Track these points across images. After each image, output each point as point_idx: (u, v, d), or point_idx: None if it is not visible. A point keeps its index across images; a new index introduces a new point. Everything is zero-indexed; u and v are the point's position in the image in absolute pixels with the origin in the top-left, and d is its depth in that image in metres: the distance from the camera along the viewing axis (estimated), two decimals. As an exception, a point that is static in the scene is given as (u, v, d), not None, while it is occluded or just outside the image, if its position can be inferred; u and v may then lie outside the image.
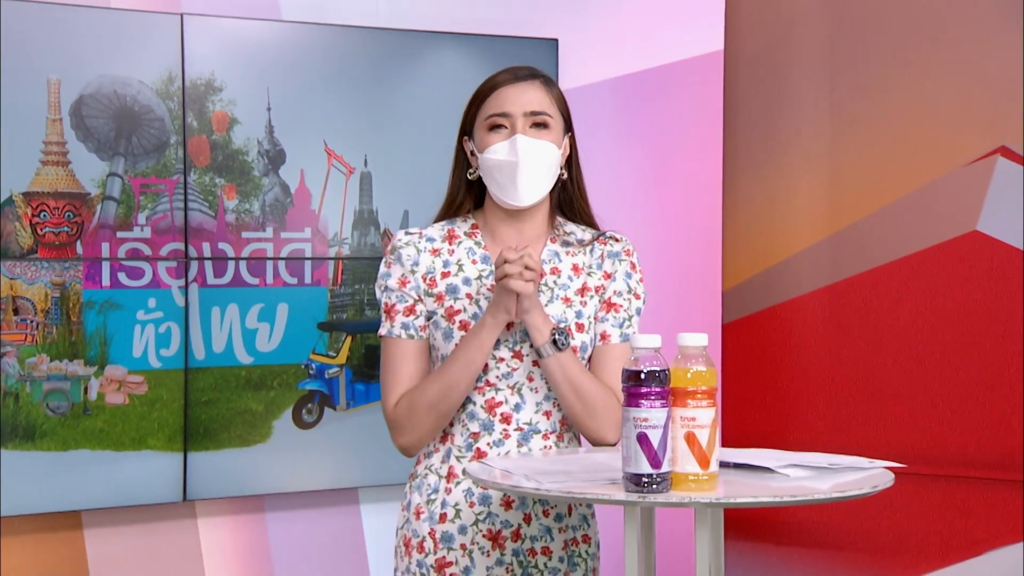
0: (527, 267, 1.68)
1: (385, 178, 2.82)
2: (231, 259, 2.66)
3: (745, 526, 3.08)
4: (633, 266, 1.87)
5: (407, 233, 1.84)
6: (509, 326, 1.79)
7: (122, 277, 2.59)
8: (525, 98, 1.79)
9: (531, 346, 1.79)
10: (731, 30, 3.12)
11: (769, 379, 3.12)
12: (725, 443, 2.31)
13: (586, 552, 1.85)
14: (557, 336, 1.74)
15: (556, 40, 2.92)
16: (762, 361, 3.13)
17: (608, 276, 1.85)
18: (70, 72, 2.53)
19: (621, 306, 1.85)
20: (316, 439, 2.72)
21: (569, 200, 1.87)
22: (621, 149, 3.07)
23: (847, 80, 3.02)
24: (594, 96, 3.05)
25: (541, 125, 1.80)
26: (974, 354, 2.83)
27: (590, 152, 2.86)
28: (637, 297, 1.87)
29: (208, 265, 2.65)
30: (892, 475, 1.52)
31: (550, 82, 1.84)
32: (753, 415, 3.12)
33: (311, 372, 2.77)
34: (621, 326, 1.84)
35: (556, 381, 1.77)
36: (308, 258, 2.73)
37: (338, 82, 2.71)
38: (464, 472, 1.77)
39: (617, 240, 1.88)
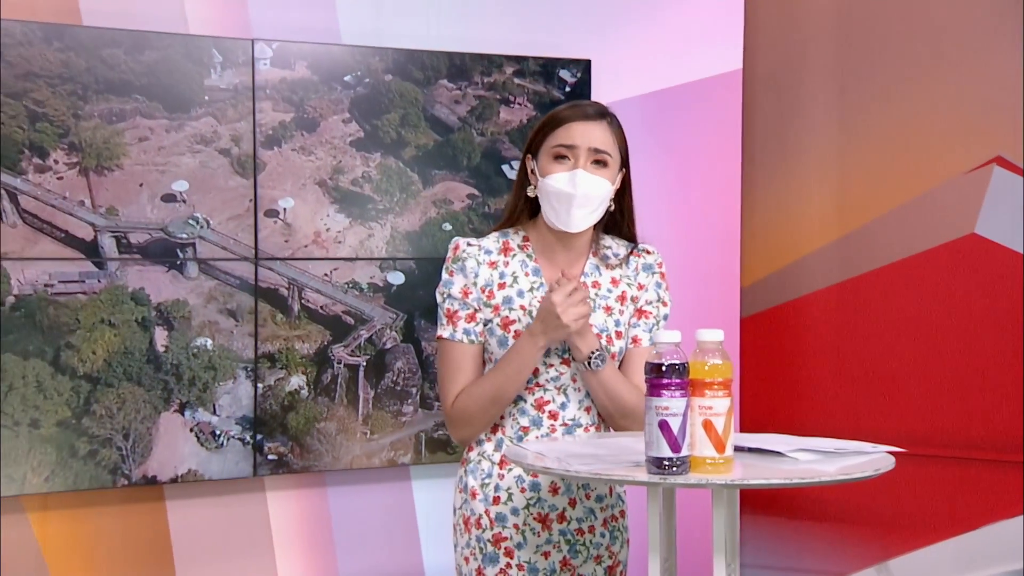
0: (582, 297, 1.74)
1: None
2: (393, 259, 2.66)
3: (760, 503, 3.08)
4: (663, 276, 1.92)
5: (468, 244, 1.86)
6: None
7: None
8: (591, 135, 1.82)
9: None
10: (749, 51, 3.13)
11: (784, 369, 3.11)
12: (743, 429, 2.32)
13: (622, 526, 1.90)
14: (592, 358, 1.78)
15: (589, 60, 2.92)
16: (777, 353, 3.12)
17: (641, 287, 1.90)
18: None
19: (651, 313, 1.89)
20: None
21: (616, 225, 1.91)
22: (649, 159, 3.06)
23: (855, 95, 3.02)
24: (624, 111, 3.00)
25: (601, 163, 1.83)
26: (973, 346, 2.81)
27: None
28: (664, 305, 1.91)
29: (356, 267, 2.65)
30: (893, 459, 1.52)
31: (615, 122, 1.87)
32: (769, 403, 3.11)
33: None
34: (650, 331, 1.89)
35: (593, 390, 1.82)
36: (391, 258, 2.72)
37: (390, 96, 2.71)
38: (505, 456, 1.81)
39: (649, 253, 1.92)
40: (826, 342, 3.03)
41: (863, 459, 1.51)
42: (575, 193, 1.79)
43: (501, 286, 1.84)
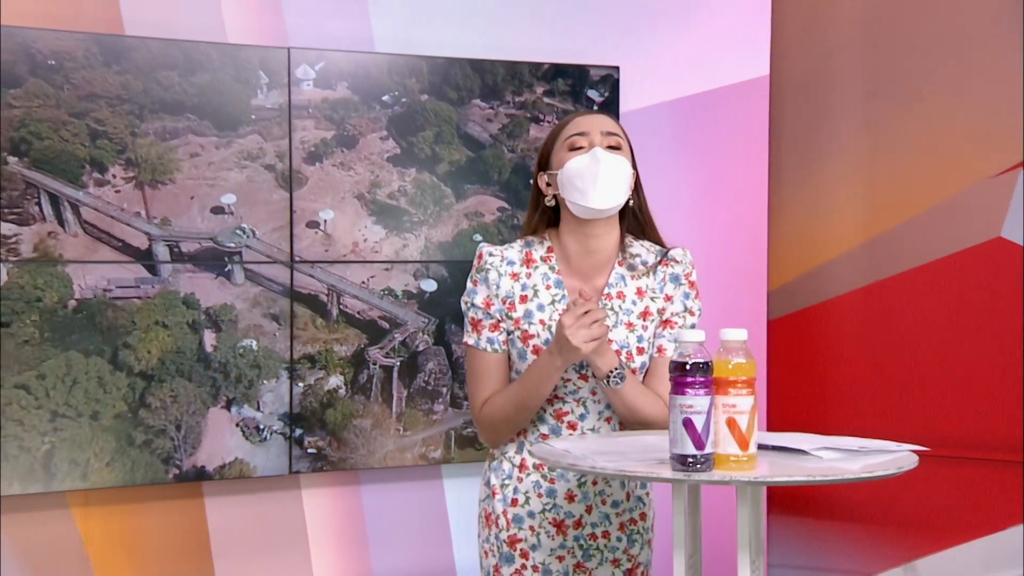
0: (594, 320, 1.63)
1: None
2: (418, 262, 2.60)
3: (787, 503, 2.96)
4: (692, 284, 1.78)
5: (491, 254, 1.76)
6: None
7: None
8: (600, 122, 1.74)
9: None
10: (776, 57, 3.01)
11: (810, 371, 2.99)
12: (770, 428, 2.19)
13: (642, 528, 1.79)
14: (611, 376, 1.67)
15: (618, 67, 2.83)
16: (804, 355, 3.00)
17: (668, 299, 1.77)
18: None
19: (677, 323, 1.77)
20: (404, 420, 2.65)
21: (639, 226, 1.79)
22: (677, 164, 2.98)
23: (881, 100, 2.89)
24: (652, 117, 2.97)
25: (615, 147, 1.73)
26: (998, 348, 2.68)
27: (650, 167, 2.75)
28: (692, 314, 1.79)
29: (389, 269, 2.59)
30: (917, 457, 1.41)
31: (616, 119, 1.81)
32: (796, 405, 2.98)
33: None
34: (675, 341, 1.77)
35: (614, 404, 1.72)
36: (413, 261, 2.65)
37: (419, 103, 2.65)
38: (535, 467, 1.74)
39: (678, 261, 1.78)
40: (853, 345, 2.91)
41: (886, 457, 1.41)
42: (598, 169, 1.68)
43: (523, 299, 1.74)
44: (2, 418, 2.26)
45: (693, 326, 1.78)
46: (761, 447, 1.42)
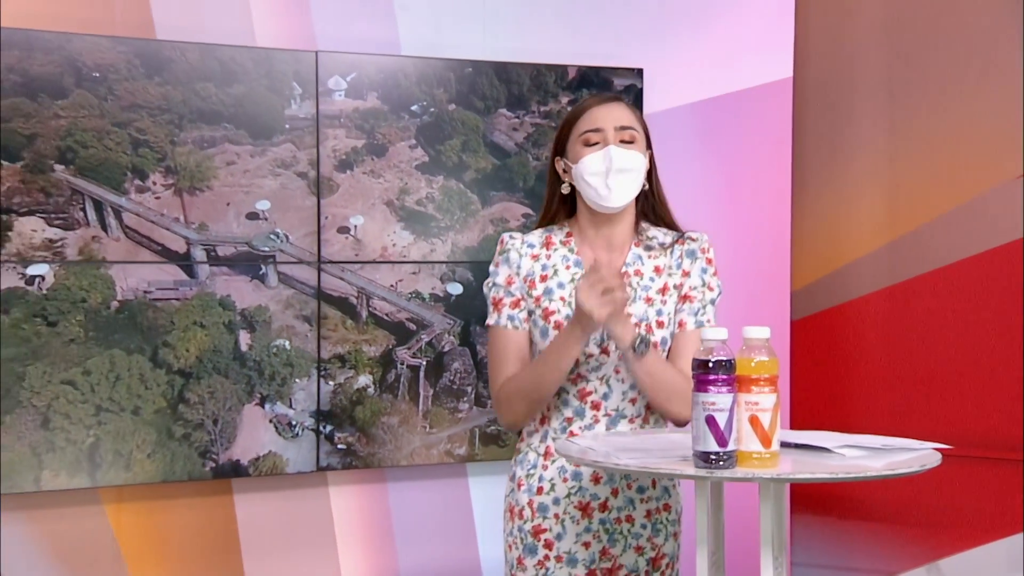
0: (605, 289, 1.55)
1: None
2: (426, 263, 2.56)
3: (811, 502, 2.87)
4: (709, 261, 1.73)
5: (511, 237, 1.74)
6: None
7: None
8: (614, 115, 1.68)
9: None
10: (799, 59, 2.93)
11: (833, 371, 2.90)
12: (793, 428, 2.10)
13: (667, 519, 1.72)
14: (636, 345, 1.59)
15: (642, 69, 2.77)
16: (827, 355, 2.91)
17: (686, 274, 1.71)
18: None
19: (696, 298, 1.71)
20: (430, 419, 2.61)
21: (652, 208, 1.74)
22: (701, 165, 2.91)
23: (904, 102, 2.80)
24: (676, 118, 2.90)
25: (629, 141, 1.68)
26: (1020, 349, 2.58)
27: (673, 167, 2.68)
28: (711, 289, 1.72)
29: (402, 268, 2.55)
30: (940, 455, 1.35)
31: (632, 105, 1.74)
32: (819, 405, 2.89)
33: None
34: (696, 314, 1.70)
35: (638, 377, 1.63)
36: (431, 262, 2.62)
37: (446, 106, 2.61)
38: (556, 451, 1.65)
39: (694, 239, 1.73)
40: (876, 345, 2.82)
41: (909, 455, 1.35)
42: (611, 167, 1.64)
43: (543, 278, 1.70)
44: (50, 411, 2.26)
45: (713, 301, 1.72)
46: (784, 445, 1.37)
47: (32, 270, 2.27)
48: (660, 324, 1.69)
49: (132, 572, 2.40)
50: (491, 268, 1.74)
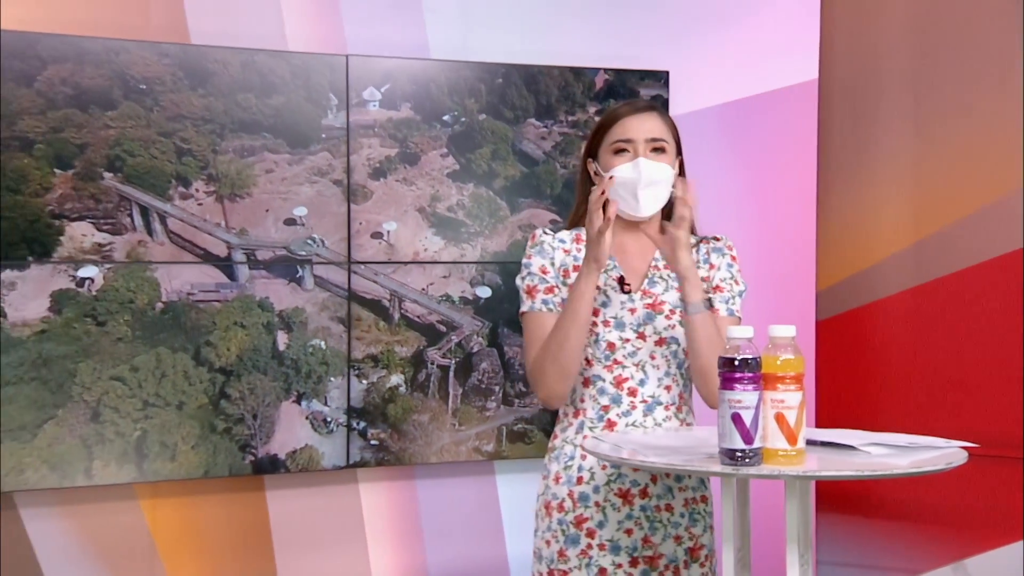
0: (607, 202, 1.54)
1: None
2: (446, 263, 2.54)
3: (836, 500, 2.79)
4: (734, 259, 1.73)
5: (545, 232, 1.72)
6: (633, 311, 1.65)
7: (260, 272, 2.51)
8: (646, 127, 1.66)
9: (654, 328, 1.65)
10: (825, 61, 2.85)
11: (858, 371, 2.81)
12: (819, 427, 2.02)
13: (704, 511, 1.68)
14: (704, 300, 1.58)
15: (667, 72, 2.73)
16: (852, 354, 2.82)
17: (713, 267, 1.70)
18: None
19: (726, 288, 1.69)
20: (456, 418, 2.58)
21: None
22: (726, 167, 2.84)
23: (929, 104, 2.71)
24: (702, 120, 2.83)
25: (659, 150, 1.66)
26: None
27: (699, 168, 2.62)
28: (737, 283, 1.71)
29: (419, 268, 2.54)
30: (966, 453, 1.30)
31: (664, 113, 1.71)
32: (844, 405, 2.81)
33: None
34: (727, 302, 1.68)
35: (699, 336, 1.58)
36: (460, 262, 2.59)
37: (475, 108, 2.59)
38: (583, 448, 1.63)
39: (719, 239, 1.74)
40: (901, 345, 2.73)
41: (936, 453, 1.30)
42: (640, 178, 1.62)
43: (576, 268, 1.67)
44: (100, 406, 2.27)
45: (741, 294, 1.70)
46: (810, 443, 1.32)
47: (83, 272, 2.28)
48: None
49: (167, 566, 2.39)
50: (524, 260, 1.71)
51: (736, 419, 1.25)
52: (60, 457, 2.23)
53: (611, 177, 1.61)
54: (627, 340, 1.63)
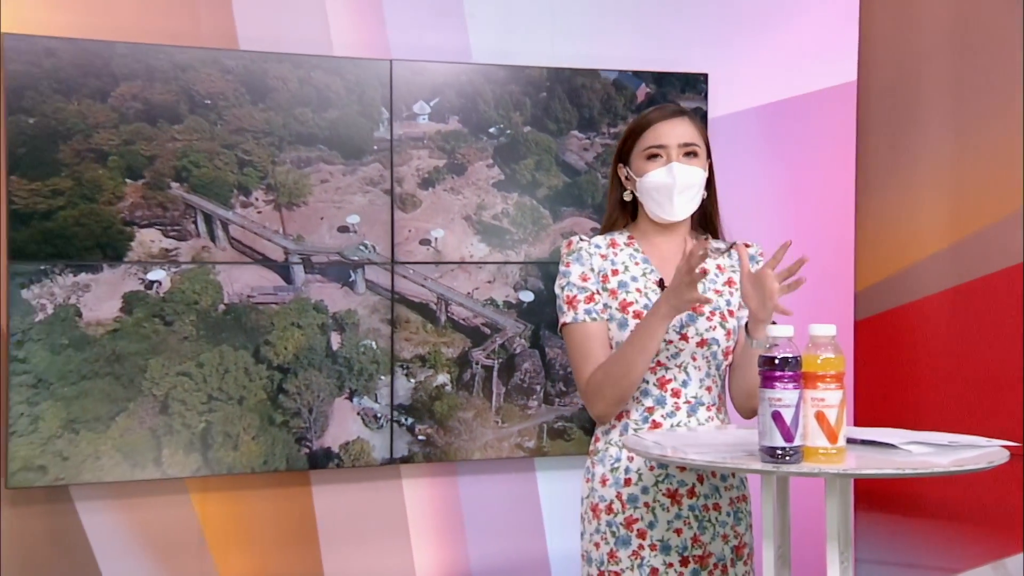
0: (700, 271, 1.47)
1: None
2: (476, 263, 2.53)
3: (876, 499, 2.69)
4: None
5: (580, 239, 1.68)
6: None
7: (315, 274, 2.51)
8: (678, 131, 1.62)
9: (696, 329, 1.60)
10: (864, 63, 2.74)
11: (897, 371, 2.70)
12: (858, 427, 1.94)
13: (745, 510, 1.65)
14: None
15: (706, 74, 2.67)
16: (891, 354, 2.71)
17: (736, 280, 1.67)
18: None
19: None
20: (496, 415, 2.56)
21: (707, 215, 1.68)
22: (765, 168, 2.76)
23: (968, 105, 2.60)
24: (740, 122, 2.74)
25: (691, 154, 1.62)
26: None
27: (737, 170, 2.55)
28: None
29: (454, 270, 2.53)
30: (1008, 452, 1.25)
31: (694, 117, 1.67)
32: (883, 405, 2.70)
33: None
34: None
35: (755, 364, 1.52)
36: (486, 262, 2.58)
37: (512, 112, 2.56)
38: (624, 445, 1.59)
39: (749, 245, 1.69)
40: (940, 345, 2.62)
41: (976, 452, 1.25)
42: (674, 183, 1.58)
43: (614, 272, 1.64)
44: (168, 399, 2.31)
45: None
46: (850, 441, 1.28)
47: (151, 276, 2.32)
48: (731, 313, 1.64)
49: (216, 559, 2.37)
50: (562, 268, 1.67)
51: (776, 417, 1.21)
52: (132, 446, 2.27)
53: (707, 238, 1.58)
54: (670, 342, 1.59)
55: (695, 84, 2.66)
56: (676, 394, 1.59)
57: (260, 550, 2.41)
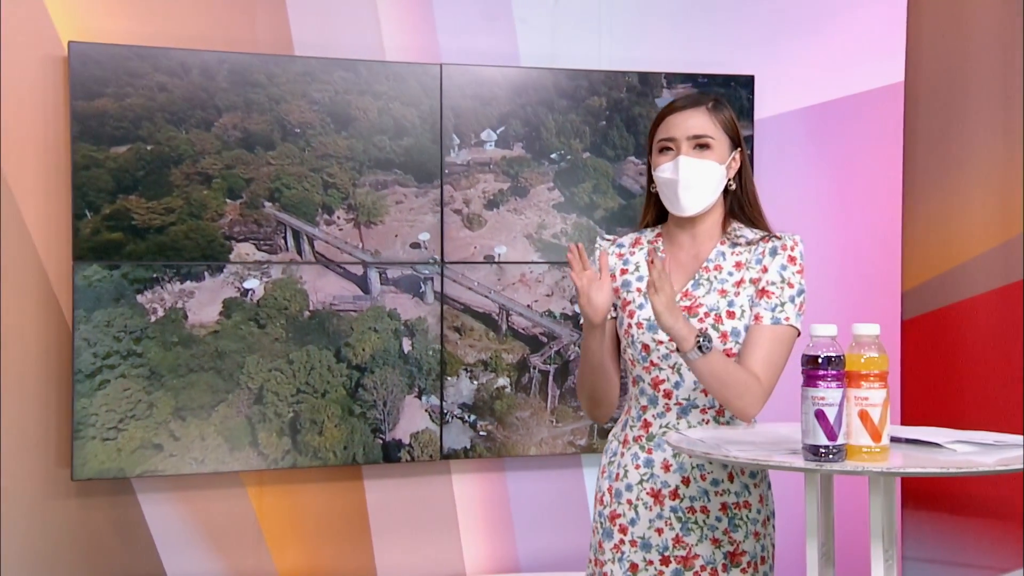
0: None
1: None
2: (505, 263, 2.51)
3: (922, 497, 2.52)
4: (792, 259, 1.45)
5: (601, 240, 1.57)
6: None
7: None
8: (688, 124, 1.45)
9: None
10: (911, 63, 2.56)
11: (944, 371, 2.52)
12: (904, 425, 1.81)
13: (747, 517, 1.45)
14: (702, 342, 1.34)
15: (753, 76, 2.48)
16: (938, 354, 2.54)
17: (764, 269, 1.45)
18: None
19: (773, 293, 1.44)
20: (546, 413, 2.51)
21: (740, 206, 1.50)
22: (811, 169, 2.59)
23: (1017, 106, 2.42)
24: (787, 123, 2.59)
25: (703, 147, 1.45)
26: None
27: (785, 171, 2.42)
28: (791, 286, 1.45)
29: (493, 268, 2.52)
30: (1056, 454, 1.11)
31: (718, 107, 1.48)
32: (930, 403, 2.53)
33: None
34: (773, 310, 1.43)
35: (703, 377, 1.38)
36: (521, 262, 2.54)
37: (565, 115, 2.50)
38: (666, 442, 1.45)
39: (779, 238, 1.47)
40: (987, 344, 2.45)
41: (1022, 452, 1.13)
42: (678, 179, 1.43)
43: (623, 271, 1.51)
44: (263, 391, 2.34)
45: (793, 299, 1.44)
46: (894, 440, 1.20)
47: (247, 284, 2.38)
48: (730, 315, 1.44)
49: (272, 550, 2.33)
50: None
51: (819, 416, 1.14)
52: (231, 432, 2.32)
53: (603, 252, 1.47)
54: (660, 342, 1.44)
55: (740, 79, 2.53)
56: (668, 395, 1.46)
57: (314, 542, 2.36)
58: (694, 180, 1.44)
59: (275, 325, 2.37)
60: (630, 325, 1.47)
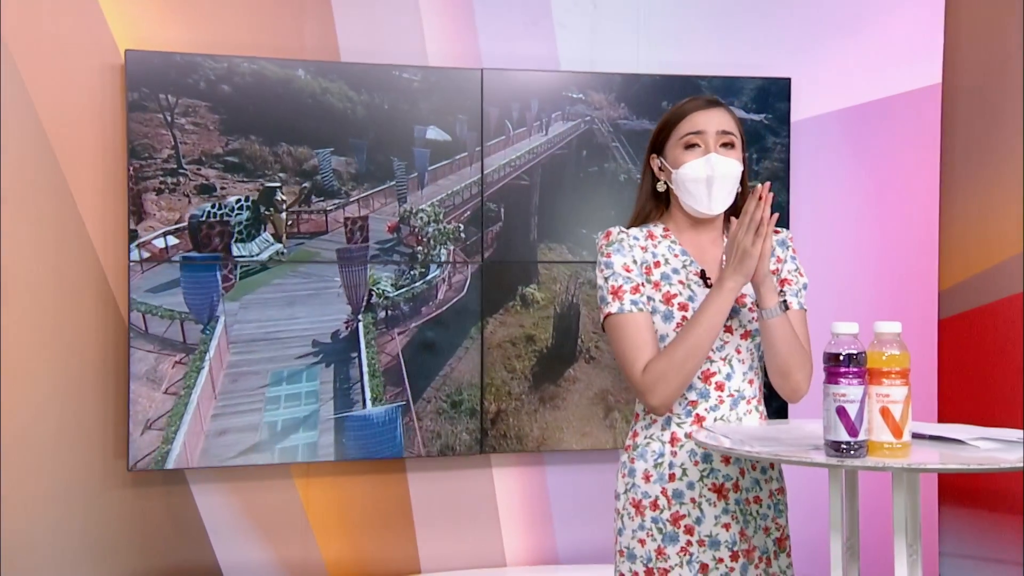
0: (759, 228, 1.35)
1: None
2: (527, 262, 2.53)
3: (959, 493, 2.47)
4: (795, 251, 1.52)
5: (620, 231, 1.50)
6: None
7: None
8: (715, 120, 1.45)
9: (739, 321, 1.47)
10: (949, 64, 2.53)
11: (981, 369, 2.48)
12: (940, 423, 1.78)
13: (784, 502, 1.50)
14: (780, 303, 1.39)
15: (789, 79, 2.46)
16: (975, 353, 2.50)
17: (780, 260, 1.50)
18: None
19: (793, 281, 1.49)
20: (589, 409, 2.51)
21: (737, 207, 1.49)
22: (848, 170, 2.57)
23: None
24: (824, 125, 2.58)
25: (729, 145, 1.45)
26: None
27: (821, 173, 2.39)
28: (802, 275, 1.51)
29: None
30: (1082, 452, 1.10)
31: (730, 109, 1.50)
32: (967, 401, 2.49)
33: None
34: (797, 295, 1.48)
35: (776, 339, 1.39)
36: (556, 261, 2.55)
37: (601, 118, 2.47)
38: (687, 436, 1.46)
39: (778, 232, 1.51)
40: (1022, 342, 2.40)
41: (1048, 450, 1.12)
42: (713, 175, 1.42)
43: (656, 264, 1.47)
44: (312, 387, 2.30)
45: (805, 287, 1.50)
46: (919, 436, 1.19)
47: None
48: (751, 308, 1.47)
49: (318, 539, 2.36)
50: (602, 259, 1.47)
51: (841, 412, 1.15)
52: (282, 424, 2.28)
53: (767, 183, 1.41)
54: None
55: (777, 82, 2.49)
56: (720, 387, 1.44)
57: (359, 533, 2.37)
58: (726, 177, 1.43)
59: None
60: (684, 318, 1.43)
